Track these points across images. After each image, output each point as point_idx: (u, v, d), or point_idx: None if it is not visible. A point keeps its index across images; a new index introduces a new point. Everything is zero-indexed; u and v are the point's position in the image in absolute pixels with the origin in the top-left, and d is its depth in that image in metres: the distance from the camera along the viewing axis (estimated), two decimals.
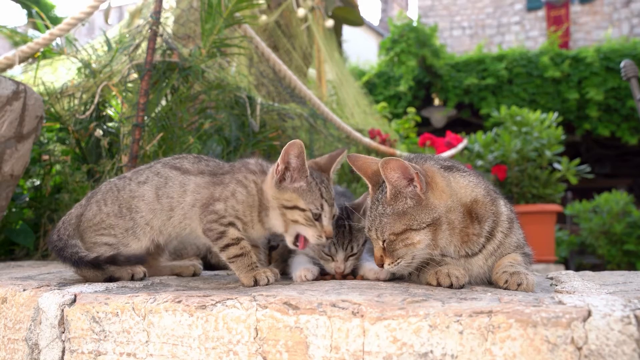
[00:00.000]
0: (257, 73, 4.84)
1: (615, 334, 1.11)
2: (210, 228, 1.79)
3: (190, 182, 1.87)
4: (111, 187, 1.94)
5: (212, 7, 3.26)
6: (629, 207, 10.54)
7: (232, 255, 1.77)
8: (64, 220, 1.96)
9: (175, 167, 1.93)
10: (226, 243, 1.78)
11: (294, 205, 1.79)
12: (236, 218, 1.81)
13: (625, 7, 17.03)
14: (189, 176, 1.89)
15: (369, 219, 1.70)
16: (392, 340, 1.23)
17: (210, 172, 1.90)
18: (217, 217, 1.79)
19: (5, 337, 1.64)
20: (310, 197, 1.77)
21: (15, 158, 2.65)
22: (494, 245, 1.70)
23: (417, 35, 13.46)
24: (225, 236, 1.78)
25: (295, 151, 1.75)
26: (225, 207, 1.80)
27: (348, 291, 1.51)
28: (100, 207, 1.91)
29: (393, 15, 17.47)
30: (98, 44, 3.85)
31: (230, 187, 1.83)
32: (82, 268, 1.84)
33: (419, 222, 1.60)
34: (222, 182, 1.86)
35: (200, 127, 3.39)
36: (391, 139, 5.95)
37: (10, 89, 2.54)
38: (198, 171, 1.91)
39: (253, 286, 1.71)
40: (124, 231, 1.88)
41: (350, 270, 1.93)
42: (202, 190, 1.85)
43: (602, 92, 12.58)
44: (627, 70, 4.20)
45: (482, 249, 1.69)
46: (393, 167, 1.59)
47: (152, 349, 1.43)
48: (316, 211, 1.77)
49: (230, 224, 1.79)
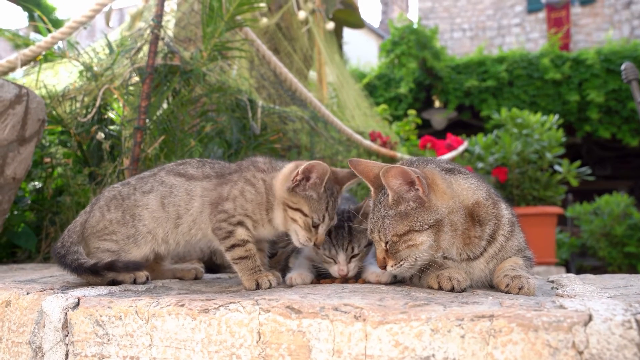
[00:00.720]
0: (258, 76, 4.85)
1: (617, 338, 1.11)
2: (219, 227, 1.80)
3: (196, 187, 1.88)
4: (115, 194, 1.95)
5: (213, 10, 3.27)
6: (630, 209, 10.53)
7: (237, 257, 1.78)
8: (69, 228, 1.98)
9: (180, 173, 1.93)
10: (233, 243, 1.79)
11: (298, 208, 1.81)
12: (245, 217, 1.82)
13: (625, 8, 17.04)
14: (194, 182, 1.89)
15: (372, 221, 1.71)
16: (394, 344, 1.24)
17: (217, 174, 1.91)
18: (227, 217, 1.80)
19: (9, 340, 1.64)
20: (316, 207, 1.80)
21: (17, 161, 2.65)
22: (495, 249, 1.70)
23: (418, 37, 13.46)
24: (233, 236, 1.79)
25: (319, 173, 1.78)
26: (234, 207, 1.81)
27: (350, 295, 1.51)
28: (104, 213, 1.92)
29: (393, 18, 17.49)
30: (100, 47, 3.86)
31: (239, 186, 1.84)
32: (81, 274, 1.85)
33: (422, 223, 1.60)
34: (230, 181, 1.86)
35: (201, 130, 3.40)
36: (392, 142, 5.95)
37: (12, 93, 2.55)
38: (204, 176, 1.91)
39: (255, 289, 1.72)
40: (126, 238, 1.88)
41: (355, 274, 1.93)
42: (209, 194, 1.86)
43: (603, 94, 12.57)
44: (628, 73, 4.20)
45: (483, 252, 1.70)
46: (394, 175, 1.60)
47: (155, 353, 1.44)
48: (317, 221, 1.81)
49: (239, 223, 1.80)
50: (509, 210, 1.79)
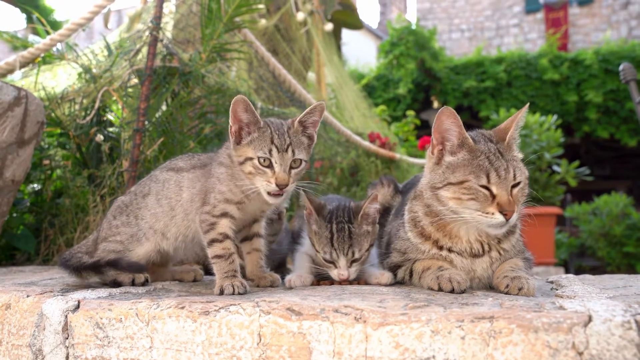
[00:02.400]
0: (257, 77, 4.85)
1: (616, 339, 1.11)
2: (203, 220, 1.81)
3: (184, 179, 1.92)
4: (119, 204, 2.02)
5: (212, 12, 3.27)
6: (629, 209, 10.53)
7: (214, 255, 1.78)
8: (81, 243, 2.08)
9: (171, 168, 1.99)
10: (212, 238, 1.78)
11: (245, 158, 1.74)
12: (226, 203, 1.80)
13: (623, 9, 17.05)
14: (182, 173, 1.94)
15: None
16: (394, 345, 1.24)
17: (201, 165, 1.94)
18: (209, 209, 1.81)
19: (9, 343, 1.64)
20: (259, 145, 1.72)
21: (16, 163, 2.65)
22: (506, 246, 1.76)
23: (416, 38, 13.45)
24: (214, 229, 1.79)
25: (242, 106, 1.74)
26: (214, 196, 1.81)
27: (350, 297, 1.52)
28: (110, 222, 1.97)
29: (392, 18, 17.50)
30: (98, 49, 3.86)
31: (215, 172, 1.85)
32: (83, 272, 1.90)
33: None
34: (209, 172, 1.88)
35: (200, 132, 3.40)
36: (391, 142, 5.95)
37: (11, 95, 2.55)
38: (191, 166, 1.95)
39: (218, 295, 1.66)
40: (129, 237, 1.93)
41: (355, 277, 1.91)
42: (195, 184, 1.89)
43: (601, 94, 12.58)
44: (626, 73, 4.21)
45: (490, 250, 1.74)
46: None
47: (156, 355, 1.44)
48: (264, 156, 1.71)
49: (222, 214, 1.80)
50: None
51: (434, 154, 1.74)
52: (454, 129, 1.69)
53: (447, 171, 1.68)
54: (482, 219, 1.61)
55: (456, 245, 1.74)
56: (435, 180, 1.70)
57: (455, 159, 1.68)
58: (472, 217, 1.62)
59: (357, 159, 5.46)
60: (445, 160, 1.70)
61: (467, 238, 1.74)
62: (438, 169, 1.71)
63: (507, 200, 1.61)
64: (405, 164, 5.97)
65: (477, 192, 1.61)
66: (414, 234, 1.82)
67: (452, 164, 1.68)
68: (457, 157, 1.68)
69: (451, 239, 1.75)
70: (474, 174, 1.62)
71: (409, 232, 1.83)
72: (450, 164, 1.68)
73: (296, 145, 1.76)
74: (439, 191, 1.68)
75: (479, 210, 1.61)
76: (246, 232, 1.97)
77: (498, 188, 1.61)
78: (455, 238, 1.74)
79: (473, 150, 1.67)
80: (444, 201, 1.66)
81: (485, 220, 1.61)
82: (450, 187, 1.65)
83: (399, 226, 1.93)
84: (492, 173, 1.62)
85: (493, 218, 1.59)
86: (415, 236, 1.81)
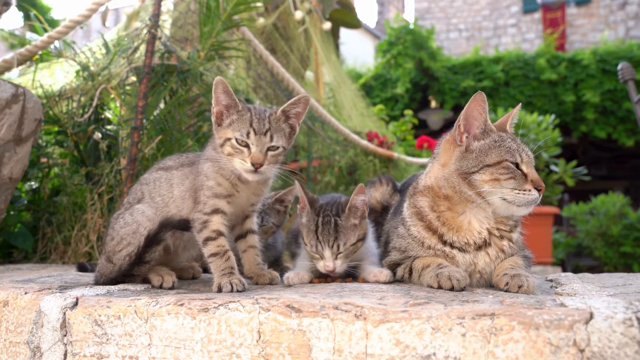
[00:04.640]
0: (255, 76, 4.84)
1: (618, 336, 1.11)
2: (195, 219, 1.82)
3: (173, 176, 1.94)
4: (116, 216, 2.01)
5: (210, 9, 3.26)
6: (626, 209, 10.56)
7: (210, 254, 1.78)
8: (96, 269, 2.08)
9: (161, 167, 2.01)
10: (206, 236, 1.79)
11: (225, 139, 1.79)
12: (215, 197, 1.82)
13: (621, 9, 17.09)
14: (172, 171, 1.96)
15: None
16: (394, 342, 1.24)
17: (189, 163, 1.96)
18: (201, 207, 1.82)
19: (7, 340, 1.64)
20: (238, 126, 1.77)
21: (14, 161, 2.64)
22: (514, 236, 1.79)
23: (414, 37, 13.45)
24: (207, 227, 1.79)
25: (220, 88, 1.78)
26: (204, 193, 1.83)
27: (350, 294, 1.51)
28: (113, 236, 1.94)
29: (390, 18, 17.50)
30: (96, 47, 3.84)
31: (201, 169, 1.87)
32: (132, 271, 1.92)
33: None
34: (197, 169, 1.90)
35: (198, 130, 3.39)
36: (389, 142, 5.95)
37: (9, 92, 2.54)
38: (179, 164, 1.98)
39: (217, 292, 1.67)
40: (132, 234, 1.91)
41: (343, 270, 1.90)
42: (184, 181, 1.91)
43: (599, 94, 12.60)
44: (624, 73, 4.22)
45: (501, 238, 1.77)
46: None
47: (155, 352, 1.43)
48: (242, 138, 1.76)
49: (213, 211, 1.81)
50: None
51: (463, 141, 1.76)
52: (482, 116, 1.75)
53: (480, 155, 1.72)
54: (520, 197, 1.67)
55: (462, 239, 1.74)
56: (468, 166, 1.72)
57: (484, 143, 1.73)
58: (511, 195, 1.67)
59: (355, 157, 5.46)
60: (474, 145, 1.74)
61: (479, 228, 1.75)
62: (469, 154, 1.74)
63: (538, 177, 1.71)
64: (403, 163, 5.97)
65: (514, 171, 1.68)
66: (420, 228, 1.81)
67: (484, 148, 1.72)
68: (485, 141, 1.73)
69: (458, 232, 1.75)
70: (510, 153, 1.70)
71: (413, 227, 1.83)
72: (481, 148, 1.73)
73: (275, 131, 1.80)
74: (473, 176, 1.70)
75: (516, 188, 1.67)
76: (239, 229, 1.97)
77: (527, 167, 1.71)
78: (464, 230, 1.74)
79: (499, 134, 1.75)
80: (477, 185, 1.69)
81: (522, 197, 1.67)
82: (488, 169, 1.69)
83: (398, 224, 1.92)
84: (522, 153, 1.72)
85: (530, 195, 1.67)
86: (420, 230, 1.81)
